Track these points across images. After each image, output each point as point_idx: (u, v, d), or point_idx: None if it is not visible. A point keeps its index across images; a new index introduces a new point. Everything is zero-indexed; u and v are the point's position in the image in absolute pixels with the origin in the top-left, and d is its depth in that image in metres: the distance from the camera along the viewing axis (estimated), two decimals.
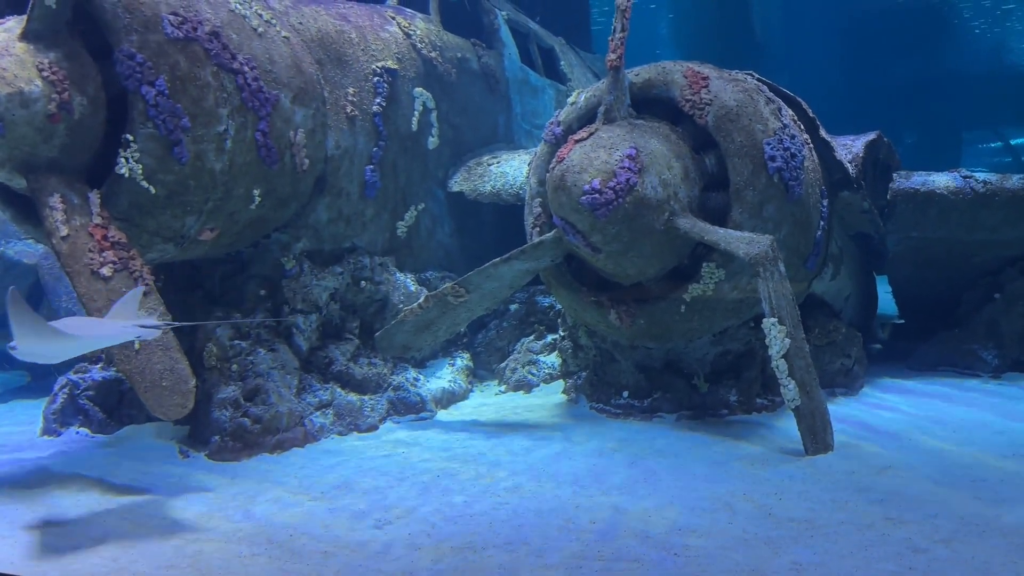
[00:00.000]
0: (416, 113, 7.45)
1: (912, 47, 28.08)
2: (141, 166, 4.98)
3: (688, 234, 5.35)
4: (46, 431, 6.23)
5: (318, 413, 6.06)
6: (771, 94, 5.89)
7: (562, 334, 7.10)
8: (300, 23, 6.46)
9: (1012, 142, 30.41)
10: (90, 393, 6.23)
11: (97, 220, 4.91)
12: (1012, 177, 6.97)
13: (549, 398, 7.04)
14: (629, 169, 5.19)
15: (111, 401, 6.25)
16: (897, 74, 28.65)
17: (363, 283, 6.78)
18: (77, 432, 6.16)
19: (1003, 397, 6.68)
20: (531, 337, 7.82)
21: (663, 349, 6.32)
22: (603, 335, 6.43)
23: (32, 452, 5.82)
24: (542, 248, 5.86)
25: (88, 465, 5.44)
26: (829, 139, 6.31)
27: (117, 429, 6.15)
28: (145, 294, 4.96)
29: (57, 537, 4.23)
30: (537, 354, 7.63)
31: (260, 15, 5.93)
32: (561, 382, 7.15)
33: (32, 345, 3.78)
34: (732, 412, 6.22)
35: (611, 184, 5.16)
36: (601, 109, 5.59)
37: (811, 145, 6.00)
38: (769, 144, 5.50)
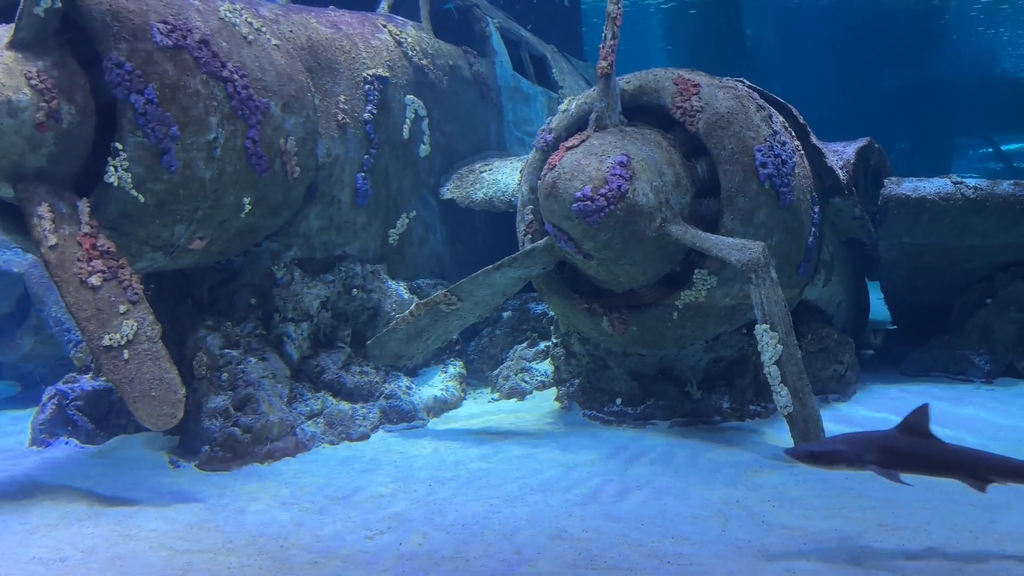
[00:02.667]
0: (408, 120, 7.44)
1: (903, 54, 28.24)
2: (130, 175, 4.96)
3: (680, 241, 5.34)
4: (35, 442, 6.19)
5: (309, 422, 6.03)
6: (762, 101, 5.90)
7: (555, 341, 7.08)
8: (290, 31, 6.45)
9: (1003, 148, 30.58)
10: (79, 403, 6.19)
11: (86, 229, 4.88)
12: (1003, 183, 6.98)
13: (542, 405, 7.02)
14: (620, 176, 5.18)
15: (100, 411, 6.22)
16: (888, 80, 28.81)
17: (355, 291, 6.76)
18: (66, 442, 6.12)
19: (996, 402, 6.68)
20: (524, 344, 7.80)
21: (656, 356, 6.31)
22: (596, 342, 6.41)
23: (20, 463, 5.77)
24: (534, 255, 5.84)
25: (77, 476, 5.40)
26: (820, 145, 6.32)
27: (106, 439, 6.12)
28: (135, 303, 4.94)
29: (46, 549, 4.19)
30: (530, 361, 7.62)
31: (250, 23, 5.92)
32: (554, 389, 7.13)
33: None
34: (725, 419, 6.21)
35: (602, 191, 5.15)
36: (592, 116, 5.58)
37: (802, 152, 6.00)
38: (760, 151, 5.51)
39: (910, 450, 3.59)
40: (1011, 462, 3.71)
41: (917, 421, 3.65)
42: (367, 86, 6.94)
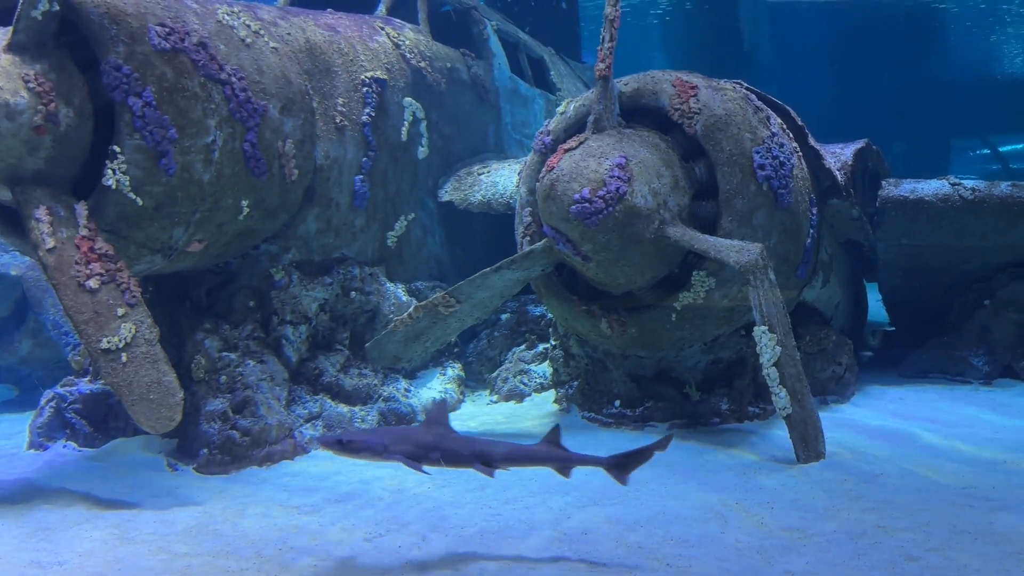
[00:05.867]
0: (406, 123, 7.44)
1: (900, 56, 28.26)
2: (128, 177, 4.95)
3: (678, 243, 5.35)
4: (32, 445, 6.18)
5: (308, 425, 6.03)
6: (760, 103, 5.91)
7: (553, 343, 7.08)
8: (289, 34, 6.45)
9: (1000, 149, 30.61)
10: (77, 407, 6.18)
11: (84, 232, 4.87)
12: (1000, 184, 7.00)
13: (541, 408, 7.01)
14: (619, 178, 5.19)
15: (98, 414, 6.21)
16: (885, 82, 28.82)
17: (353, 293, 6.76)
18: (64, 446, 6.11)
19: (994, 403, 6.69)
20: (522, 347, 7.80)
21: (655, 358, 6.31)
22: (594, 344, 6.41)
23: (18, 466, 5.77)
24: (532, 257, 5.84)
25: (75, 479, 5.39)
26: (818, 147, 6.33)
27: (104, 443, 6.11)
28: (133, 306, 4.93)
29: (44, 553, 4.18)
30: (528, 364, 7.61)
31: (248, 26, 5.92)
32: (553, 392, 7.13)
33: None
34: (724, 421, 6.21)
35: (601, 193, 5.16)
36: (590, 118, 5.59)
37: (800, 153, 6.01)
38: (758, 152, 5.51)
39: (431, 443, 3.76)
40: (518, 449, 3.91)
41: (437, 415, 3.86)
42: (365, 88, 6.94)
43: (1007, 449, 5.43)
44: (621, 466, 3.86)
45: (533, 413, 6.89)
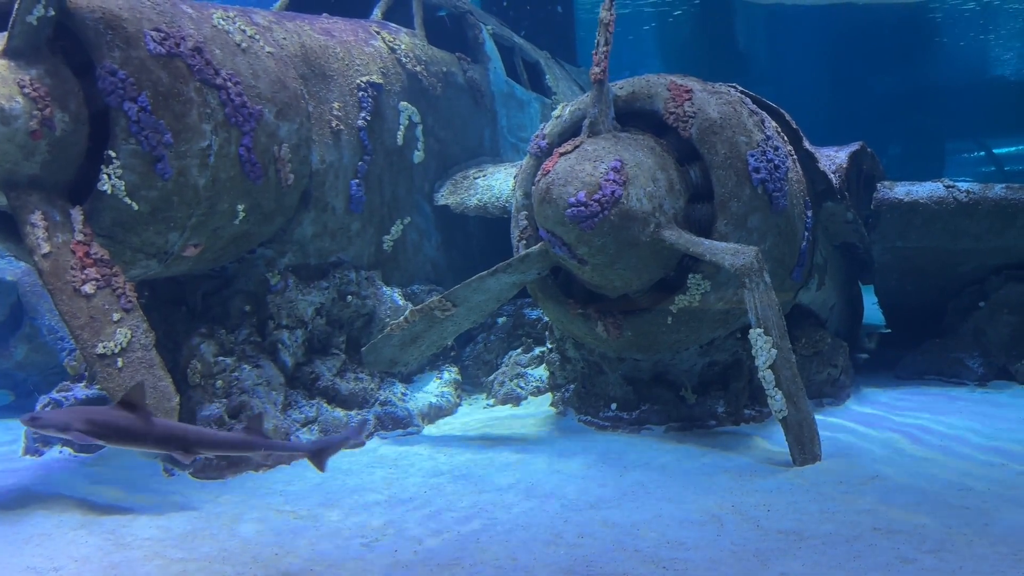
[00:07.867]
0: (401, 127, 7.45)
1: (895, 59, 28.35)
2: (124, 182, 4.96)
3: (674, 246, 5.36)
4: (28, 450, 6.17)
5: (304, 429, 6.02)
6: (754, 106, 5.92)
7: (550, 347, 7.08)
8: (284, 38, 6.46)
9: (995, 151, 30.69)
10: None
11: (79, 237, 4.87)
12: (995, 186, 7.02)
13: (537, 411, 7.01)
14: (614, 181, 5.20)
15: None
16: (880, 85, 28.91)
17: (349, 298, 6.76)
18: (60, 451, 6.10)
19: (989, 405, 6.70)
20: (519, 350, 7.80)
21: (651, 361, 6.32)
22: (591, 347, 6.42)
23: (14, 472, 5.75)
24: (528, 261, 5.85)
25: (71, 485, 5.38)
26: (813, 150, 6.34)
27: (100, 448, 6.09)
28: (128, 311, 4.93)
29: (40, 559, 4.17)
30: (525, 367, 7.61)
31: (243, 31, 5.92)
32: (549, 395, 7.13)
33: None
34: (720, 423, 6.22)
35: (596, 196, 5.17)
36: (586, 122, 5.60)
37: (795, 156, 6.03)
38: (753, 156, 5.53)
39: (120, 424, 3.88)
40: (216, 436, 4.10)
41: (133, 396, 3.96)
42: (361, 93, 6.95)
43: (1002, 451, 5.44)
44: (320, 454, 4.10)
45: (530, 417, 6.89)
